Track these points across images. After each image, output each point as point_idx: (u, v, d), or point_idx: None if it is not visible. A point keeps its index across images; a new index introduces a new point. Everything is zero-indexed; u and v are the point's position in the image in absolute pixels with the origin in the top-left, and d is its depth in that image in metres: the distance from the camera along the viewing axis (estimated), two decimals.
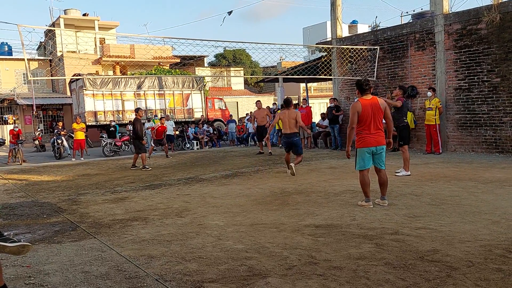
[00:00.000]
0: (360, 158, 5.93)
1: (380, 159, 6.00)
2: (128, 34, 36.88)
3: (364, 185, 5.97)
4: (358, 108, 5.82)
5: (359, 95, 6.00)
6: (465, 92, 11.89)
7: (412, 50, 13.13)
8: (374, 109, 5.84)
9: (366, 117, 5.81)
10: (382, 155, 5.98)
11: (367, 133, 5.84)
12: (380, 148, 5.91)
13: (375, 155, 5.95)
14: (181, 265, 3.92)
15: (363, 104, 5.83)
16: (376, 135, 5.87)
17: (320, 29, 39.77)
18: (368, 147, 5.86)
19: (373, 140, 5.86)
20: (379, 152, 5.93)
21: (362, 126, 5.87)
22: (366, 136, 5.86)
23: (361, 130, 5.89)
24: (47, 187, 9.33)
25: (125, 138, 18.27)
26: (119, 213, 6.33)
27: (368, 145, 5.86)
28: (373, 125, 5.85)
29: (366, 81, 6.06)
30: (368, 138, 5.85)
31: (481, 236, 4.41)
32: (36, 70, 31.25)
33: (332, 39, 15.84)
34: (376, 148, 5.89)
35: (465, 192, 6.64)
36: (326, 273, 3.58)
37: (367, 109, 5.80)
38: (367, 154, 5.90)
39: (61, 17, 31.86)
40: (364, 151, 5.89)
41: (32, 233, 5.36)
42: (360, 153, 5.93)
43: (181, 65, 32.63)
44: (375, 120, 5.86)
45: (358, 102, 5.88)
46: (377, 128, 5.89)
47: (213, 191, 7.78)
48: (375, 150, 5.90)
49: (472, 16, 11.66)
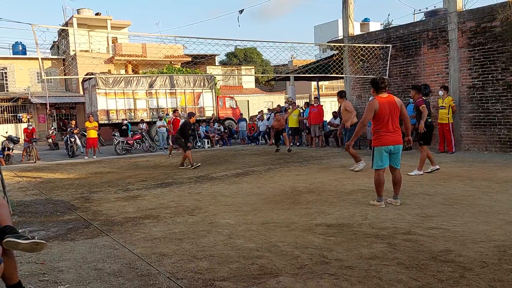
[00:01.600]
0: (378, 157, 5.86)
1: (397, 158, 5.95)
2: (140, 33, 37.06)
3: (379, 185, 5.90)
4: (375, 106, 5.75)
5: (375, 94, 5.94)
6: (479, 91, 11.74)
7: (425, 48, 13.00)
8: (391, 107, 5.77)
9: (383, 115, 5.74)
10: (399, 154, 5.93)
11: (385, 132, 5.77)
12: (398, 147, 5.86)
13: (392, 154, 5.89)
14: (193, 263, 3.94)
15: (380, 102, 5.77)
16: (394, 133, 5.82)
17: (331, 27, 39.52)
18: (386, 146, 5.80)
19: (391, 138, 5.80)
20: (396, 151, 5.87)
21: (380, 124, 5.80)
22: (384, 134, 5.79)
23: (379, 128, 5.82)
24: (61, 185, 9.44)
25: (137, 137, 18.40)
26: (131, 211, 6.38)
27: (386, 143, 5.79)
28: (391, 123, 5.78)
29: (381, 79, 6.00)
30: (386, 137, 5.78)
31: (495, 236, 4.35)
32: (49, 69, 31.60)
33: (344, 37, 15.76)
34: (394, 147, 5.83)
35: (479, 192, 6.56)
36: (337, 272, 3.57)
37: (384, 107, 5.74)
38: (384, 152, 5.83)
39: (74, 16, 32.17)
40: (382, 149, 5.82)
41: (46, 231, 5.43)
42: (378, 151, 5.86)
43: (192, 64, 32.73)
44: (393, 118, 5.79)
45: (375, 100, 5.81)
46: (395, 127, 5.83)
47: (224, 190, 7.80)
48: (393, 149, 5.84)
49: (486, 14, 11.50)
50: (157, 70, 29.46)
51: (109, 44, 33.06)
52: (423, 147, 8.54)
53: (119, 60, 31.26)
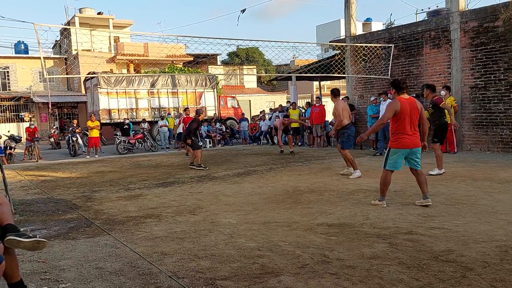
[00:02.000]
0: (393, 159, 5.80)
1: (416, 161, 5.87)
2: (142, 32, 37.14)
3: (385, 184, 5.87)
4: (396, 106, 5.68)
5: (396, 94, 5.87)
6: (481, 91, 11.72)
7: (427, 48, 12.98)
8: (411, 109, 5.72)
9: (404, 115, 5.67)
10: (418, 156, 5.86)
11: (404, 134, 5.71)
12: (416, 149, 5.80)
13: (409, 157, 5.83)
14: (194, 262, 3.94)
15: (401, 102, 5.70)
16: (413, 136, 5.76)
17: (333, 27, 39.53)
18: (404, 149, 5.74)
19: (410, 141, 5.74)
20: (414, 154, 5.81)
21: (399, 125, 5.73)
22: (403, 137, 5.72)
23: (398, 129, 5.75)
24: (62, 184, 9.45)
25: (138, 136, 18.41)
26: (133, 210, 6.38)
27: (404, 146, 5.73)
28: (410, 125, 5.73)
29: (402, 80, 5.97)
30: (405, 140, 5.72)
31: (497, 236, 4.35)
32: (51, 69, 31.64)
33: (346, 37, 15.74)
34: (412, 150, 5.77)
35: (481, 192, 6.55)
36: (339, 272, 3.57)
37: (405, 107, 5.68)
38: (401, 155, 5.78)
39: (76, 15, 32.21)
40: (399, 152, 5.76)
41: (48, 229, 5.43)
42: (394, 153, 5.79)
43: (194, 64, 32.74)
44: (412, 120, 5.74)
45: (397, 100, 5.75)
46: (414, 129, 5.77)
47: (225, 189, 7.80)
48: (410, 151, 5.78)
49: (488, 14, 11.47)
50: (159, 69, 29.48)
51: (111, 43, 33.10)
52: (436, 145, 8.47)
53: (121, 59, 31.28)
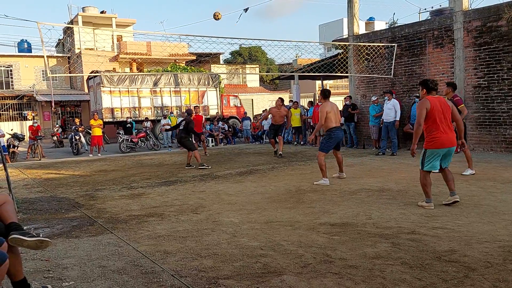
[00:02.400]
0: (431, 159, 5.66)
1: (449, 159, 5.80)
2: (145, 31, 37.06)
3: (427, 186, 5.72)
4: (426, 104, 5.57)
5: (425, 94, 5.76)
6: (484, 90, 11.68)
7: (430, 48, 12.95)
8: (443, 107, 5.63)
9: (436, 114, 5.57)
10: (451, 155, 5.79)
11: (440, 133, 5.59)
12: (453, 148, 5.70)
13: (444, 155, 5.72)
14: (197, 261, 3.95)
15: (431, 101, 5.60)
16: (449, 134, 5.65)
17: (336, 26, 39.51)
18: (442, 148, 5.62)
19: (447, 141, 5.62)
20: (450, 152, 5.72)
21: (432, 124, 5.61)
22: (440, 136, 5.60)
23: (432, 129, 5.62)
24: (65, 182, 9.47)
25: (141, 135, 18.44)
26: (136, 209, 6.40)
27: (442, 146, 5.61)
28: (444, 124, 5.62)
29: (432, 79, 5.91)
30: (442, 139, 5.60)
31: (500, 236, 4.34)
32: (54, 67, 31.70)
33: (349, 36, 15.71)
34: (449, 149, 5.68)
35: (484, 192, 6.54)
36: (341, 271, 3.57)
37: (436, 105, 5.58)
38: (439, 155, 5.66)
39: (79, 14, 32.25)
40: (436, 152, 5.64)
41: (51, 228, 5.45)
42: (432, 153, 5.65)
43: (197, 62, 32.76)
44: (446, 118, 5.64)
45: (426, 99, 5.64)
46: (448, 127, 5.67)
47: (228, 188, 7.81)
48: (447, 151, 5.68)
49: (492, 13, 11.44)
50: (162, 68, 29.51)
51: (114, 42, 33.14)
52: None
53: (124, 58, 31.33)
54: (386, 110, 12.14)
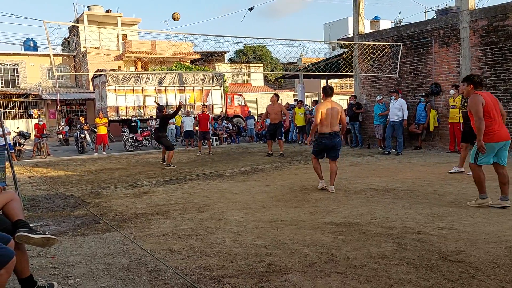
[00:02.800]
0: (485, 153, 5.49)
1: (505, 155, 5.63)
2: (150, 30, 37.17)
3: (481, 181, 5.57)
4: (481, 99, 5.43)
5: (472, 90, 5.64)
6: (491, 90, 11.60)
7: (436, 47, 12.89)
8: (493, 101, 5.55)
9: (491, 108, 5.45)
10: (507, 150, 5.62)
11: (496, 126, 5.47)
12: (508, 142, 5.56)
13: (500, 150, 5.57)
14: (201, 259, 3.95)
15: (483, 96, 5.48)
16: (504, 128, 5.55)
17: (341, 25, 39.39)
18: (498, 142, 5.49)
19: (504, 134, 5.51)
20: (506, 147, 5.56)
21: (488, 118, 5.44)
22: (497, 129, 5.47)
23: (488, 123, 5.44)
24: (71, 180, 9.51)
25: (146, 133, 18.48)
26: (141, 207, 6.41)
27: (499, 139, 5.48)
28: (498, 117, 5.50)
29: (478, 75, 5.87)
30: (499, 132, 5.48)
31: (506, 237, 4.31)
32: (60, 66, 31.83)
33: (354, 35, 15.67)
34: (505, 143, 5.53)
35: (490, 192, 6.46)
36: (346, 271, 3.56)
37: (487, 100, 5.46)
38: (493, 149, 5.52)
39: (85, 13, 32.37)
40: (493, 146, 5.49)
41: (57, 225, 5.48)
42: (488, 148, 5.47)
43: (201, 61, 32.79)
44: (498, 113, 5.53)
45: (478, 94, 5.50)
46: (501, 121, 5.54)
47: (232, 187, 7.81)
48: (503, 145, 5.54)
49: (499, 12, 11.36)
50: (166, 67, 29.57)
51: (119, 41, 33.23)
52: (463, 145, 8.39)
53: (129, 57, 31.40)
54: (393, 110, 12.08)
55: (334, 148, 7.08)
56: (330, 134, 6.97)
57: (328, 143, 7.03)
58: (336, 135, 7.03)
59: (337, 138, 7.05)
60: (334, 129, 7.00)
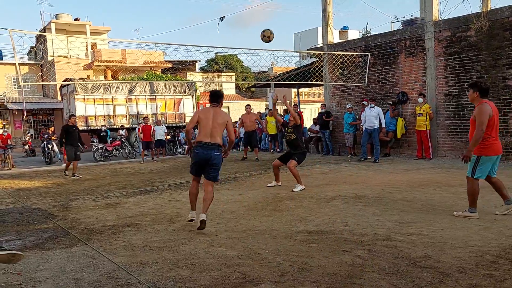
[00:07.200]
0: (484, 166, 5.38)
1: (496, 167, 5.57)
2: (120, 39, 36.67)
3: (475, 194, 5.42)
4: (489, 110, 5.30)
5: (479, 98, 5.45)
6: (455, 98, 12.00)
7: (402, 57, 13.25)
8: (496, 112, 5.46)
9: (493, 119, 5.33)
10: (498, 163, 5.58)
11: (495, 139, 5.38)
12: (500, 155, 5.52)
13: (494, 162, 5.50)
14: (174, 272, 3.90)
15: (491, 106, 5.36)
16: (498, 140, 5.48)
17: (311, 35, 39.93)
18: (497, 155, 5.42)
19: (500, 146, 5.45)
20: (499, 159, 5.54)
21: (490, 130, 5.32)
22: (495, 142, 5.37)
23: (489, 134, 5.33)
24: (38, 193, 9.24)
25: (116, 143, 18.16)
26: (111, 219, 6.28)
27: (497, 152, 5.40)
28: (497, 129, 5.45)
29: (485, 82, 5.81)
30: (497, 145, 5.40)
31: (472, 242, 4.45)
32: (27, 75, 31.00)
33: (324, 45, 15.93)
34: (499, 156, 5.49)
35: (456, 198, 6.70)
36: (319, 279, 3.59)
37: (495, 111, 5.37)
38: (491, 162, 5.42)
39: (52, 21, 31.69)
40: (492, 159, 5.40)
41: (23, 240, 5.30)
42: (486, 161, 5.38)
43: (173, 70, 32.58)
44: (498, 124, 5.48)
45: (487, 104, 5.35)
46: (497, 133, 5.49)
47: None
48: (497, 158, 5.47)
49: (461, 23, 11.80)
50: (137, 76, 29.23)
51: (88, 49, 32.66)
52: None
53: (98, 66, 30.91)
54: (370, 117, 12.30)
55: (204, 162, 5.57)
56: (203, 145, 5.55)
57: (200, 155, 5.56)
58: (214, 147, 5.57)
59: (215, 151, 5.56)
60: (212, 139, 5.57)
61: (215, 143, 5.56)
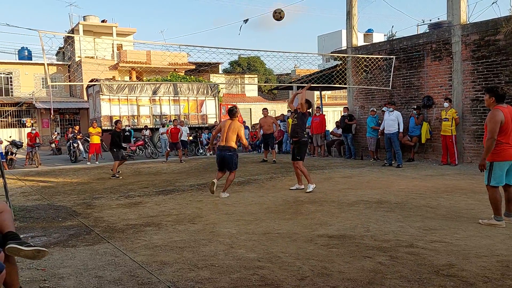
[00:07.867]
0: (499, 173, 5.31)
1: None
2: (145, 41, 37.24)
3: (497, 202, 5.33)
4: (501, 116, 5.21)
5: (494, 103, 5.37)
6: (482, 103, 11.71)
7: (428, 60, 13.03)
8: (511, 118, 5.29)
9: (507, 125, 5.24)
10: None
11: (506, 145, 5.26)
12: None
13: (509, 169, 5.38)
14: (194, 272, 3.92)
15: (504, 112, 5.26)
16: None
17: (335, 37, 39.72)
18: (508, 161, 5.30)
19: None
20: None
21: (502, 136, 5.25)
22: (506, 148, 5.26)
23: (501, 140, 5.25)
24: (63, 190, 9.44)
25: (139, 143, 18.43)
26: (133, 218, 6.37)
27: (508, 158, 5.28)
28: (511, 135, 5.29)
29: (502, 87, 5.67)
30: (508, 151, 5.27)
31: (498, 251, 4.33)
32: (54, 75, 31.76)
33: (348, 47, 15.81)
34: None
35: (482, 205, 6.53)
36: (339, 285, 3.55)
37: (507, 117, 5.25)
38: (505, 168, 5.33)
39: (80, 23, 32.40)
40: (505, 164, 5.31)
41: (48, 236, 5.42)
42: (500, 167, 5.30)
43: (196, 72, 32.86)
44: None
45: (498, 110, 5.27)
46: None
47: (225, 198, 7.79)
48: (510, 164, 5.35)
49: (490, 27, 11.53)
50: (161, 77, 29.57)
51: (114, 51, 33.24)
52: None
53: (123, 67, 31.42)
54: (389, 122, 12.09)
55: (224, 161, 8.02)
56: (220, 148, 8.05)
57: (219, 155, 8.06)
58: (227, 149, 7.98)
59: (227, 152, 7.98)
60: (227, 143, 7.98)
61: (228, 146, 7.96)
